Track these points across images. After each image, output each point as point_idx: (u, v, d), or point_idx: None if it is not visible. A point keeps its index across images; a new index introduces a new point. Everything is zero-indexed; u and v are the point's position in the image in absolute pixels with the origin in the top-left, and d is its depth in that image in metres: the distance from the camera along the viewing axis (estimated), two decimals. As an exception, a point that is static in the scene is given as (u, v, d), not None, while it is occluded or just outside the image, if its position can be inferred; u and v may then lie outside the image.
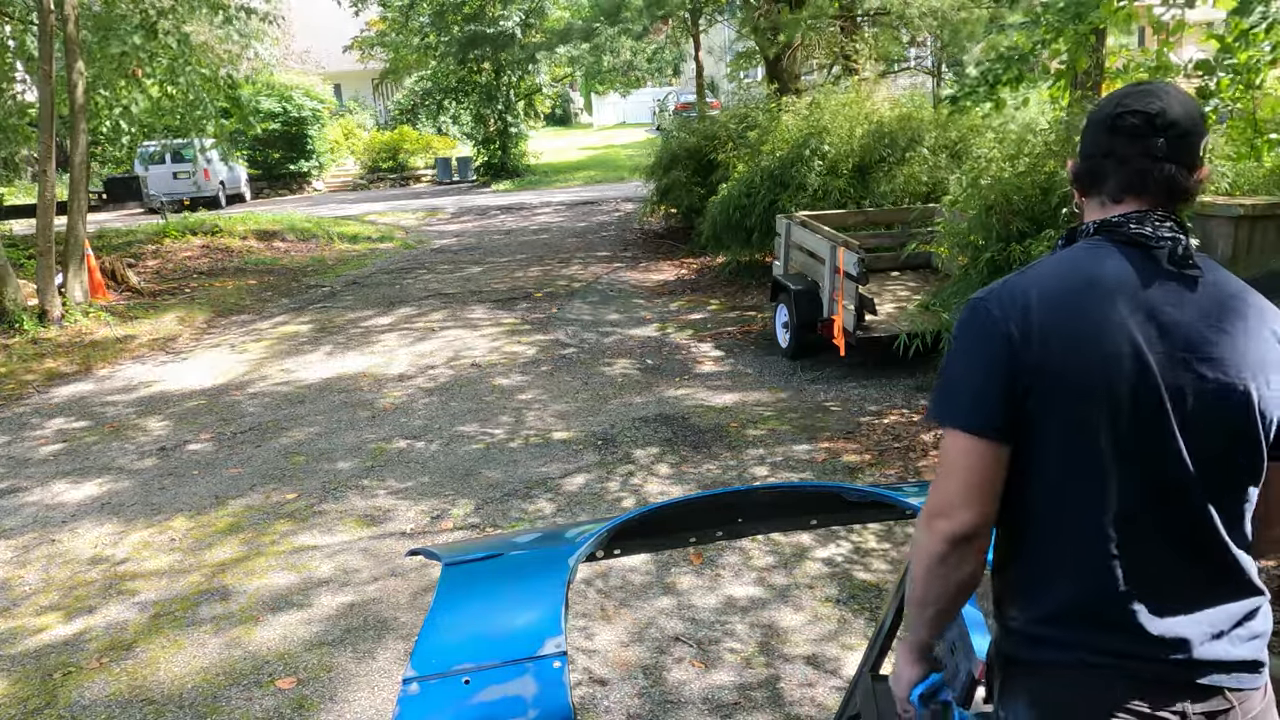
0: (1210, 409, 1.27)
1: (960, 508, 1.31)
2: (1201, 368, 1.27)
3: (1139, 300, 1.28)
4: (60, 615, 3.93)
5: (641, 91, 35.76)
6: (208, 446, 5.95)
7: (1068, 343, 1.28)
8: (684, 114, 19.87)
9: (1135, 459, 1.29)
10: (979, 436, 1.31)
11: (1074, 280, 1.32)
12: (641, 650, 3.39)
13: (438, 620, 1.69)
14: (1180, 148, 1.31)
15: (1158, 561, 1.31)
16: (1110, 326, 1.27)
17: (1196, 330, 1.28)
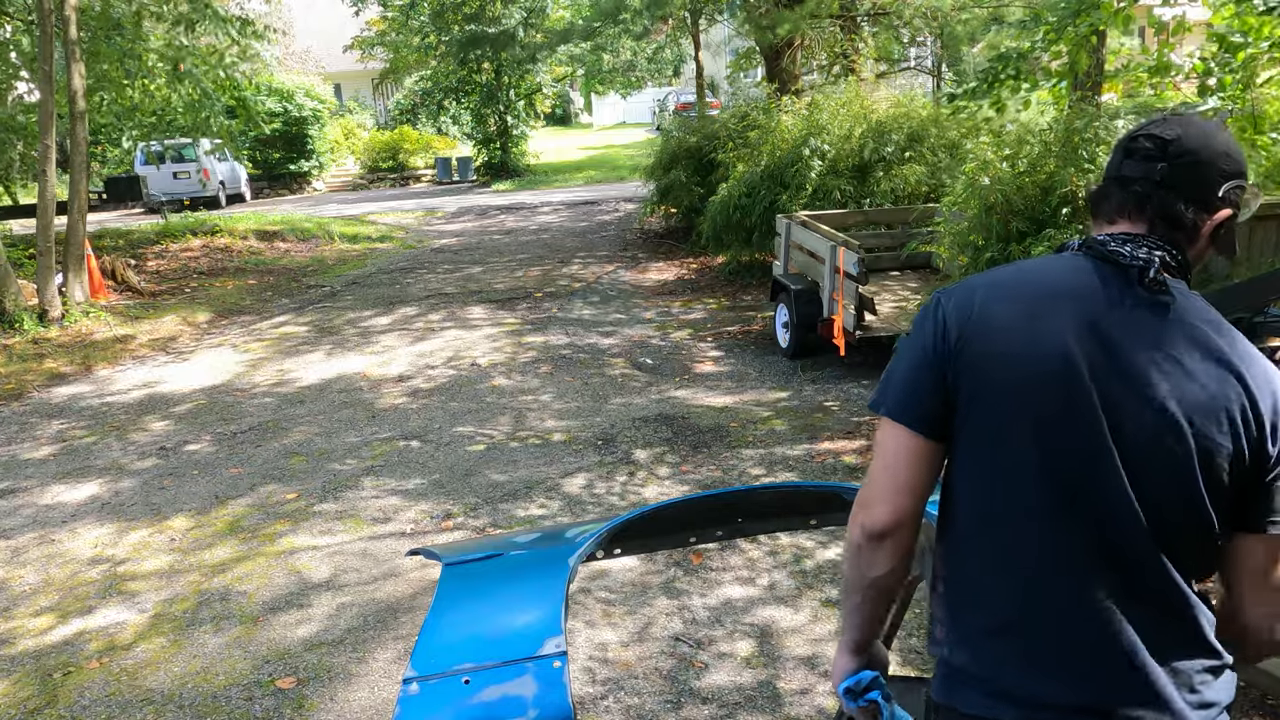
0: (1151, 441, 1.17)
1: (877, 502, 1.27)
2: (1143, 394, 1.17)
3: (1090, 315, 1.21)
4: (60, 615, 3.93)
5: (641, 92, 35.77)
6: (208, 446, 5.95)
7: (998, 341, 1.22)
8: (684, 114, 19.88)
9: (1065, 479, 1.20)
10: (904, 427, 1.27)
11: (1027, 284, 1.28)
12: (641, 650, 3.40)
13: (438, 620, 1.69)
14: (1186, 177, 1.23)
15: (1089, 602, 1.20)
16: (1048, 333, 1.20)
17: (1147, 357, 1.18)
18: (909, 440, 1.27)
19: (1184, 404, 1.17)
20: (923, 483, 1.27)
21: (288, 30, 27.06)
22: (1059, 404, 1.19)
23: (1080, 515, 1.20)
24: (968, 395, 1.24)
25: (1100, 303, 1.21)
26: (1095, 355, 1.19)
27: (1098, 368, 1.18)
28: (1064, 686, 1.20)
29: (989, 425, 1.23)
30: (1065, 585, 1.21)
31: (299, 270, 13.13)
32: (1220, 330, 1.22)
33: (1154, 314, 1.20)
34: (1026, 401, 1.20)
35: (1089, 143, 5.97)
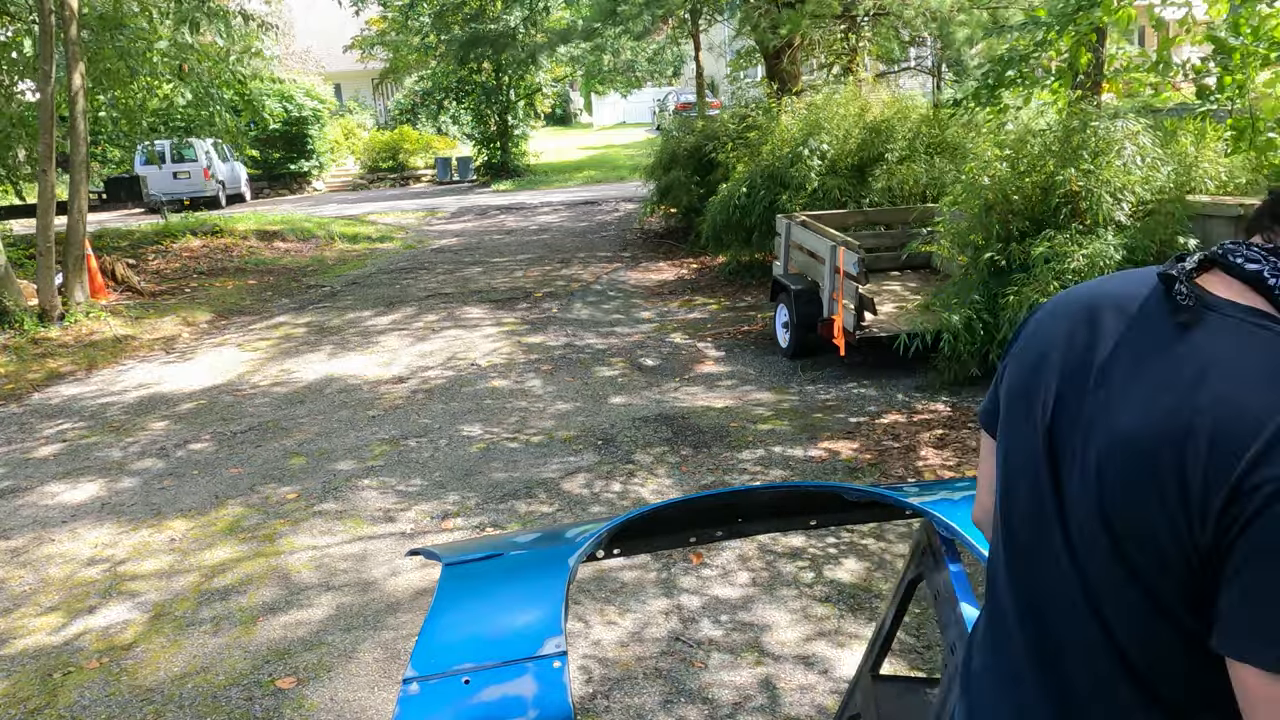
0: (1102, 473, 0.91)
1: (976, 504, 1.29)
2: (1107, 422, 0.93)
3: (1109, 326, 0.98)
4: (60, 615, 3.93)
5: (641, 91, 35.78)
6: (208, 446, 5.95)
7: (1024, 347, 1.09)
8: (684, 114, 19.88)
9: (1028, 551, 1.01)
10: (982, 427, 1.21)
11: (1086, 289, 1.07)
12: (641, 650, 3.40)
13: (438, 620, 1.69)
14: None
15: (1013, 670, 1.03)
16: (1057, 341, 1.02)
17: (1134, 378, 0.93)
18: (984, 437, 1.21)
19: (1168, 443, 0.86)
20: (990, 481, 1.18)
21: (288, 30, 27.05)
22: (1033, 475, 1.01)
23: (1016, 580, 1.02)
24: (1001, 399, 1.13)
25: (1128, 315, 0.98)
26: (1076, 377, 0.98)
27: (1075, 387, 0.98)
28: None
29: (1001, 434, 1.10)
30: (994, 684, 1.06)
31: (299, 270, 13.13)
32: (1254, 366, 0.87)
33: (1178, 332, 0.92)
34: (1012, 417, 1.07)
35: (1087, 143, 5.98)
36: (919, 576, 2.16)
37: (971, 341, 5.84)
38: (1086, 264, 5.50)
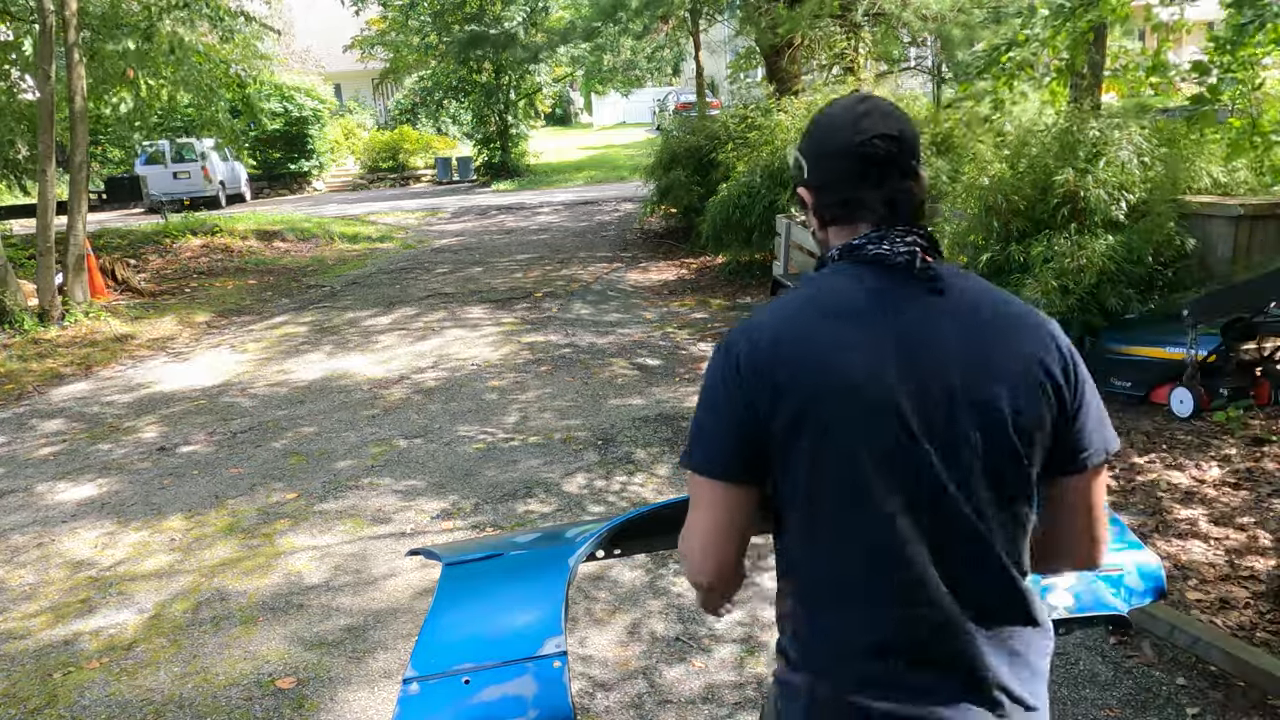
0: (964, 422, 1.19)
1: (702, 562, 1.30)
2: (951, 381, 1.19)
3: (882, 319, 1.21)
4: (60, 615, 3.93)
5: (641, 91, 35.76)
6: (207, 447, 5.95)
7: (807, 369, 1.21)
8: (684, 114, 19.88)
9: (894, 479, 1.20)
10: (718, 481, 1.26)
11: (812, 308, 1.25)
12: (640, 650, 3.40)
13: (438, 620, 1.69)
14: (913, 167, 1.28)
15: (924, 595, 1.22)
16: (850, 348, 1.20)
17: (954, 349, 1.21)
18: (721, 492, 1.26)
19: (993, 379, 1.20)
20: (741, 526, 1.29)
21: (288, 30, 27.06)
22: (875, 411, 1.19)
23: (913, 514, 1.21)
24: (787, 426, 1.22)
25: (885, 306, 1.22)
26: (901, 355, 1.20)
27: (905, 365, 1.19)
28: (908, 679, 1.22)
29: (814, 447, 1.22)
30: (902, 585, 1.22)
31: (299, 270, 13.13)
32: (1000, 299, 1.27)
33: (936, 301, 1.23)
34: (845, 417, 1.20)
35: (1085, 144, 5.98)
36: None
37: (971, 341, 5.83)
38: (1086, 264, 5.50)
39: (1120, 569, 1.75)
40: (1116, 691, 2.99)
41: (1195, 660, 3.08)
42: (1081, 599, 1.69)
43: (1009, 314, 1.26)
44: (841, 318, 1.23)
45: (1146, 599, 1.73)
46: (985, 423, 1.20)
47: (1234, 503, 4.08)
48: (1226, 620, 3.23)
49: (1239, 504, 4.06)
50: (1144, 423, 5.13)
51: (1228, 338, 5.08)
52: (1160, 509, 4.09)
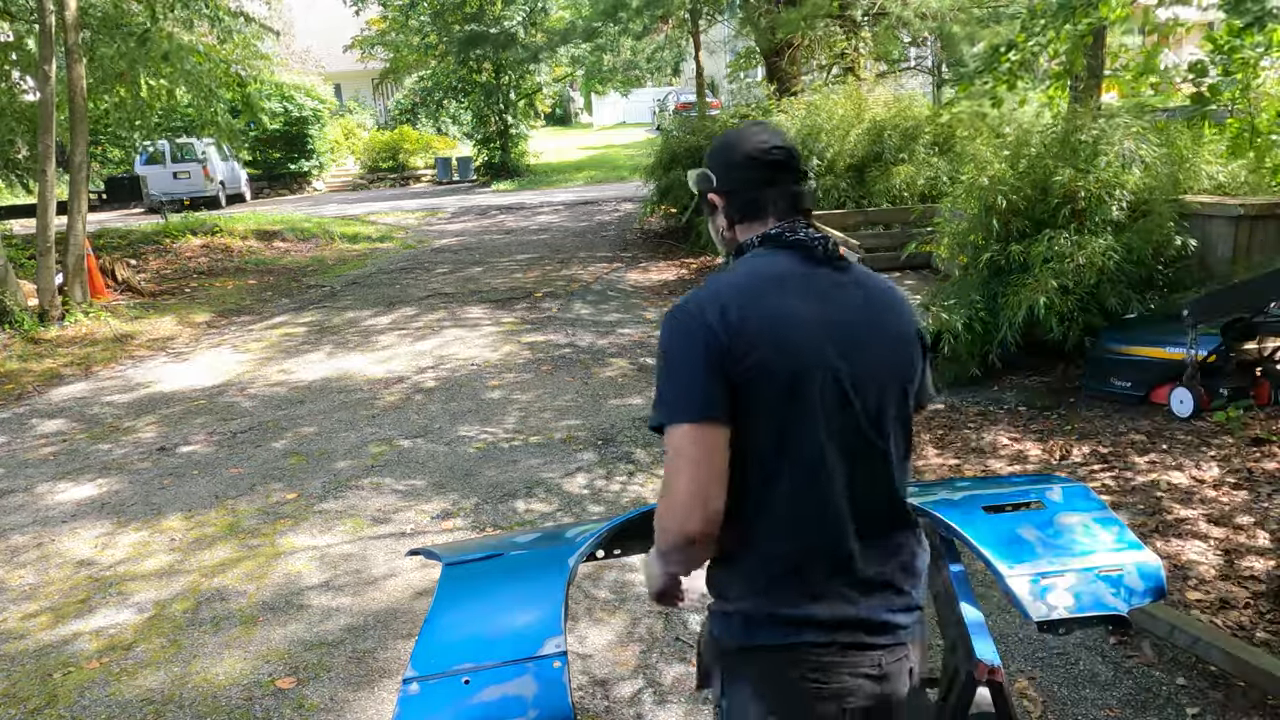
0: (879, 376, 1.49)
1: (694, 515, 1.41)
2: (869, 341, 1.49)
3: (811, 290, 1.49)
4: (60, 615, 3.93)
5: (641, 91, 35.76)
6: (207, 446, 5.95)
7: (768, 336, 1.43)
8: (684, 114, 19.87)
9: (830, 432, 1.44)
10: (706, 425, 1.41)
11: (760, 279, 1.50)
12: (640, 649, 3.40)
13: (438, 620, 1.69)
14: (803, 171, 1.59)
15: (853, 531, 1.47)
16: (801, 320, 1.45)
17: (861, 317, 1.50)
18: (710, 435, 1.41)
19: (893, 338, 1.52)
20: (725, 472, 1.43)
21: (288, 30, 27.06)
22: (820, 370, 1.44)
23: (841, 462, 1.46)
24: (748, 383, 1.42)
25: (811, 280, 1.50)
26: (830, 320, 1.47)
27: (834, 328, 1.47)
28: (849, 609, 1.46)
29: (772, 402, 1.43)
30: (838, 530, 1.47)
31: (299, 270, 13.14)
32: (875, 277, 1.59)
33: (842, 277, 1.53)
34: (798, 375, 1.43)
35: (1085, 144, 5.98)
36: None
37: (971, 341, 5.84)
38: (1086, 264, 5.50)
39: (1120, 569, 1.75)
40: (1116, 691, 2.99)
41: (1195, 660, 3.08)
42: (1081, 599, 1.69)
43: (886, 288, 1.58)
44: (784, 287, 1.48)
45: (1146, 599, 1.73)
46: (893, 374, 1.51)
47: (1234, 503, 4.08)
48: (1226, 620, 3.23)
49: (1239, 504, 4.06)
50: (1144, 423, 5.13)
51: (1228, 338, 5.08)
52: (1160, 509, 4.09)
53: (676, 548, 1.46)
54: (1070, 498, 1.97)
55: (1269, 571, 3.49)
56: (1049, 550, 1.79)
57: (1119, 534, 1.84)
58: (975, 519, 1.90)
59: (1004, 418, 5.52)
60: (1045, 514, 1.91)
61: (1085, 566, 1.75)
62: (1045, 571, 1.74)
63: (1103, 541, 1.82)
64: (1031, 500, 1.98)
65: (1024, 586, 1.71)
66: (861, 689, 1.47)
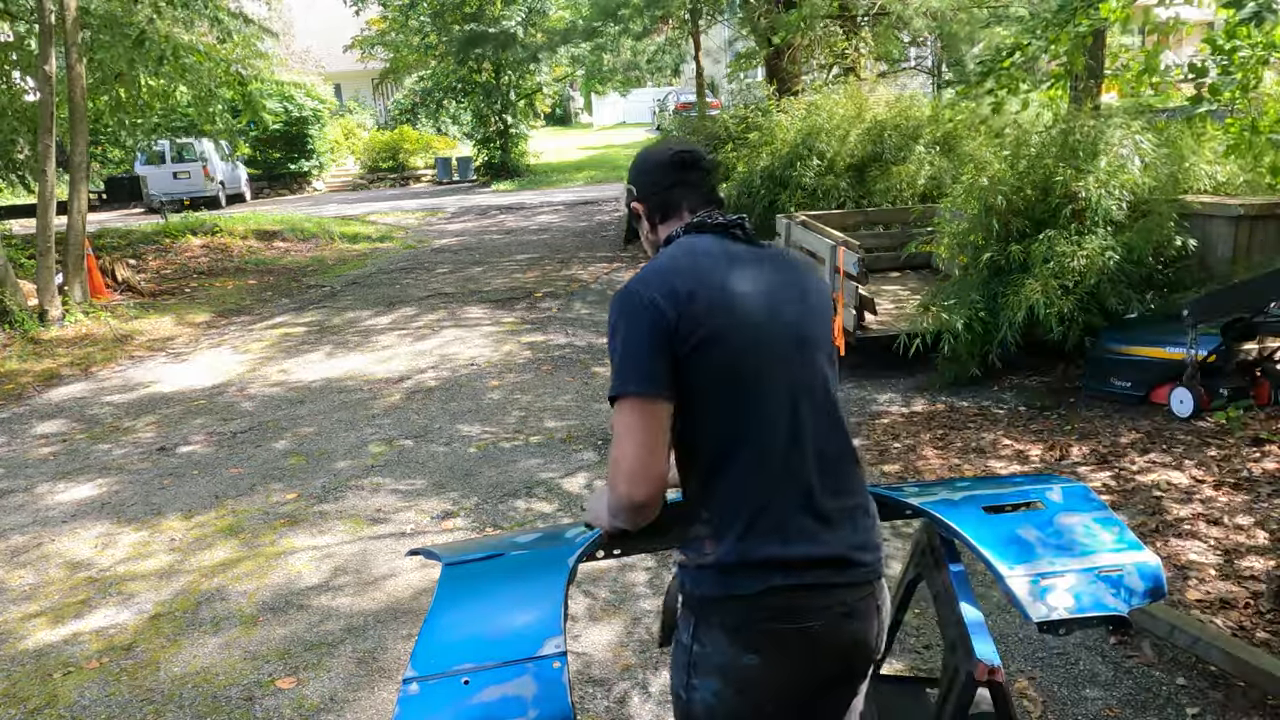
0: (813, 330, 1.66)
1: (640, 479, 1.52)
2: (795, 304, 1.65)
3: (742, 263, 1.65)
4: (60, 615, 3.93)
5: (642, 91, 35.77)
6: (207, 446, 5.95)
7: (710, 306, 1.57)
8: (684, 114, 19.88)
9: (774, 384, 1.59)
10: (654, 398, 1.53)
11: (697, 256, 1.64)
12: (640, 649, 3.39)
13: (438, 620, 1.69)
14: (710, 167, 1.77)
15: (809, 474, 1.59)
16: (733, 288, 1.60)
17: (778, 279, 1.66)
18: (654, 407, 1.53)
19: (812, 299, 1.69)
20: (669, 441, 1.56)
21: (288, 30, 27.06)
22: (759, 333, 1.59)
23: (789, 412, 1.60)
24: (698, 352, 1.55)
25: (737, 257, 1.66)
26: (760, 290, 1.62)
27: (763, 295, 1.62)
28: (814, 551, 1.57)
29: (722, 367, 1.56)
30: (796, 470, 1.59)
31: (299, 270, 13.14)
32: (785, 250, 1.80)
33: (760, 254, 1.69)
34: (742, 341, 1.57)
35: (1084, 145, 5.98)
36: (919, 577, 2.16)
37: (971, 341, 5.84)
38: (1086, 264, 5.50)
39: (1120, 569, 1.75)
40: (1116, 691, 2.99)
41: (1195, 660, 3.08)
42: (1081, 600, 1.69)
43: (796, 259, 1.78)
44: (719, 263, 1.64)
45: (1146, 600, 1.72)
46: (820, 328, 1.68)
47: (1233, 503, 4.08)
48: (1226, 620, 3.23)
49: (1239, 504, 4.06)
50: (1144, 423, 5.13)
51: (1228, 338, 5.08)
52: (1160, 509, 4.09)
53: (624, 509, 1.56)
54: (1070, 498, 1.97)
55: (1269, 571, 3.49)
56: (1049, 551, 1.79)
57: (1119, 534, 1.84)
58: (975, 519, 1.90)
59: (1004, 418, 5.52)
60: (1045, 514, 1.91)
61: (1085, 567, 1.75)
62: (1045, 572, 1.74)
63: (1103, 542, 1.81)
64: (1031, 500, 1.98)
65: (1024, 587, 1.71)
66: (832, 627, 1.58)
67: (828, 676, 1.64)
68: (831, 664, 1.62)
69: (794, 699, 1.61)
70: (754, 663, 1.57)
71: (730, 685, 1.59)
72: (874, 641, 1.66)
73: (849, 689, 1.71)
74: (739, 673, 1.58)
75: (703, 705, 1.61)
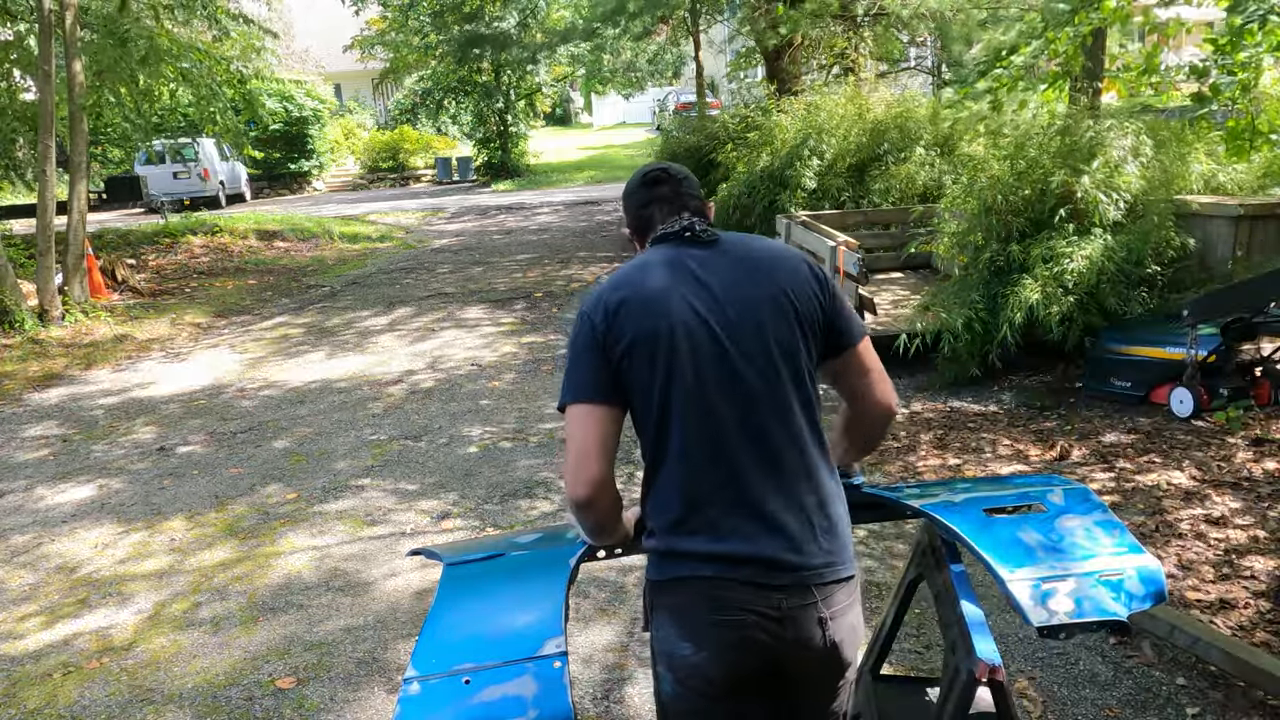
0: (755, 324, 1.64)
1: (577, 480, 1.62)
2: (738, 297, 1.65)
3: (683, 269, 1.68)
4: (59, 616, 3.93)
5: (642, 92, 35.75)
6: (207, 446, 5.95)
7: (637, 312, 1.64)
8: (684, 114, 19.87)
9: (710, 383, 1.62)
10: (587, 403, 1.63)
11: (634, 270, 1.72)
12: (640, 649, 3.39)
13: (438, 620, 1.69)
14: (681, 177, 1.83)
15: (747, 471, 1.62)
16: (666, 292, 1.65)
17: (729, 277, 1.67)
18: (590, 411, 1.63)
19: (765, 295, 1.66)
20: (610, 442, 1.65)
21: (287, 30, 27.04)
22: (692, 333, 1.62)
23: (729, 408, 1.62)
24: (630, 357, 1.62)
25: (683, 261, 1.70)
26: (699, 291, 1.65)
27: (704, 298, 1.64)
28: (739, 544, 1.60)
29: (653, 368, 1.62)
30: (730, 474, 1.62)
31: (299, 270, 13.14)
32: (764, 244, 1.77)
33: (716, 252, 1.71)
34: (671, 342, 1.62)
35: (1083, 145, 5.98)
36: (919, 577, 2.16)
37: (971, 341, 5.84)
38: (1086, 264, 5.50)
39: (1120, 573, 1.74)
40: (1116, 691, 2.99)
41: (1195, 660, 3.08)
42: (1082, 605, 1.69)
43: (760, 250, 1.74)
44: (650, 270, 1.69)
45: (1147, 604, 1.72)
46: (772, 321, 1.66)
47: (1234, 503, 4.08)
48: (1226, 620, 3.23)
49: (1239, 504, 4.06)
50: (1144, 423, 5.13)
51: (1228, 338, 5.08)
52: (1160, 509, 4.09)
53: (572, 508, 1.66)
54: (1071, 499, 1.97)
55: (1269, 571, 3.49)
56: (1050, 554, 1.79)
57: (1119, 537, 1.84)
58: (976, 521, 1.90)
59: (1004, 418, 5.52)
60: (1046, 517, 1.91)
61: (1086, 571, 1.75)
62: (1046, 576, 1.74)
63: (1103, 545, 1.81)
64: (1032, 503, 1.98)
65: (1025, 591, 1.71)
66: (763, 628, 1.60)
67: (764, 681, 1.64)
68: (764, 667, 1.63)
69: (734, 702, 1.64)
70: (688, 652, 1.63)
71: (673, 673, 1.66)
72: (822, 651, 1.63)
73: (801, 704, 1.70)
74: (679, 661, 1.64)
75: (664, 694, 1.70)
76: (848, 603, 1.66)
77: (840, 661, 1.67)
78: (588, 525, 1.73)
